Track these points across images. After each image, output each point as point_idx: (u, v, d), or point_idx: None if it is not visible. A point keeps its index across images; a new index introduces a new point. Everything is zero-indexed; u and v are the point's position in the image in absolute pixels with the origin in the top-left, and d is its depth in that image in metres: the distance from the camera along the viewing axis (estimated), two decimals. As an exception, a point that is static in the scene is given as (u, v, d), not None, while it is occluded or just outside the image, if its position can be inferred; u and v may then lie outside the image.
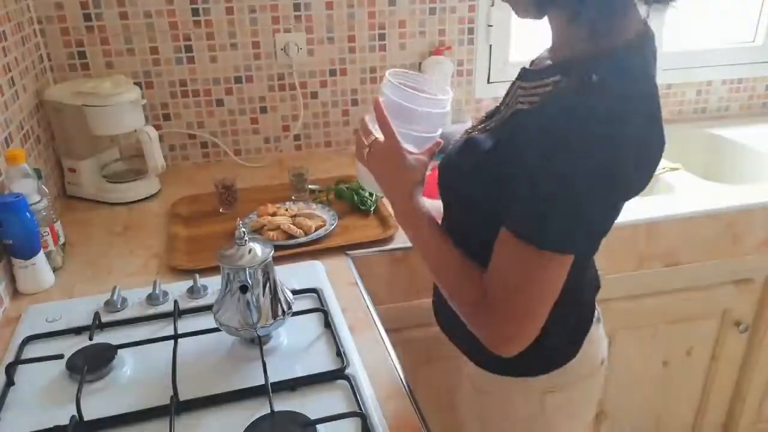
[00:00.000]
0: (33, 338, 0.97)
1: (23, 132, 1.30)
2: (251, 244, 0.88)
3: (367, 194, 1.38)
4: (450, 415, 1.08)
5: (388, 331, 1.01)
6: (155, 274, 1.17)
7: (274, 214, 1.31)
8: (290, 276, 1.07)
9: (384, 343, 0.98)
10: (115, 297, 1.05)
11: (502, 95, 0.87)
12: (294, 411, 0.80)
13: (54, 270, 1.16)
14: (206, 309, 1.01)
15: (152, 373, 0.89)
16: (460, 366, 0.99)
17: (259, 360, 0.86)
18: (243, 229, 0.88)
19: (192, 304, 1.04)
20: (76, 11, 1.49)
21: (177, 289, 1.08)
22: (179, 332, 0.94)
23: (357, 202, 1.38)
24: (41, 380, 0.89)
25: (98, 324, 0.99)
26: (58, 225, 1.20)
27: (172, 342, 0.91)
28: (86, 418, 0.79)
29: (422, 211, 0.84)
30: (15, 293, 1.11)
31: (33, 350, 0.95)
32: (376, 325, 1.02)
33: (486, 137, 0.80)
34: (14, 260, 1.09)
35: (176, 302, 1.02)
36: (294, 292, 0.99)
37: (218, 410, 0.82)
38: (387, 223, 1.30)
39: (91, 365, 0.88)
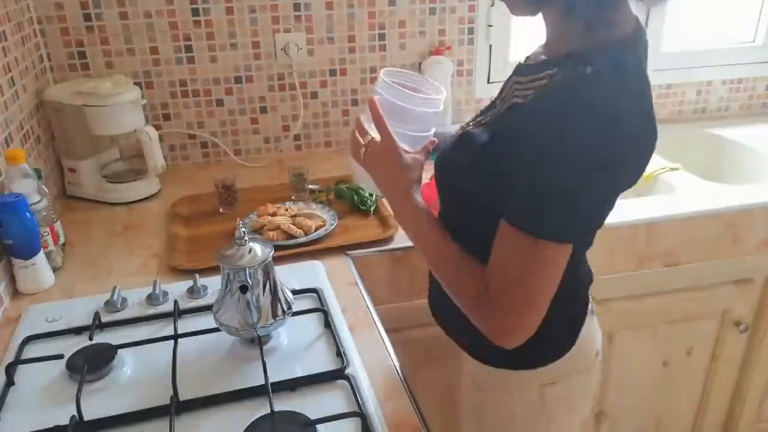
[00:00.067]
0: (33, 338, 0.97)
1: (23, 132, 1.30)
2: (251, 244, 0.88)
3: (367, 194, 1.38)
4: (450, 415, 1.08)
5: (388, 331, 1.01)
6: (155, 274, 1.17)
7: (274, 214, 1.31)
8: (290, 276, 1.07)
9: (384, 343, 0.98)
10: (115, 297, 1.05)
11: (500, 92, 0.87)
12: (294, 411, 0.80)
13: (54, 270, 1.16)
14: (206, 309, 1.01)
15: (152, 373, 0.89)
16: (460, 364, 1.00)
17: (259, 360, 0.86)
18: (243, 229, 0.88)
19: (192, 304, 1.04)
20: (76, 11, 1.49)
21: (177, 289, 1.08)
22: (179, 332, 0.94)
23: (357, 202, 1.38)
24: (41, 380, 0.89)
25: (98, 324, 0.99)
26: (58, 225, 1.20)
27: (172, 342, 0.91)
28: (86, 418, 0.79)
29: (420, 208, 0.85)
30: (15, 293, 1.11)
31: (33, 350, 0.95)
32: (376, 325, 1.02)
33: (481, 131, 0.81)
34: (14, 260, 1.09)
35: (176, 302, 1.02)
36: (294, 292, 0.99)
37: (218, 410, 0.82)
38: (387, 223, 1.30)
39: (91, 365, 0.88)
